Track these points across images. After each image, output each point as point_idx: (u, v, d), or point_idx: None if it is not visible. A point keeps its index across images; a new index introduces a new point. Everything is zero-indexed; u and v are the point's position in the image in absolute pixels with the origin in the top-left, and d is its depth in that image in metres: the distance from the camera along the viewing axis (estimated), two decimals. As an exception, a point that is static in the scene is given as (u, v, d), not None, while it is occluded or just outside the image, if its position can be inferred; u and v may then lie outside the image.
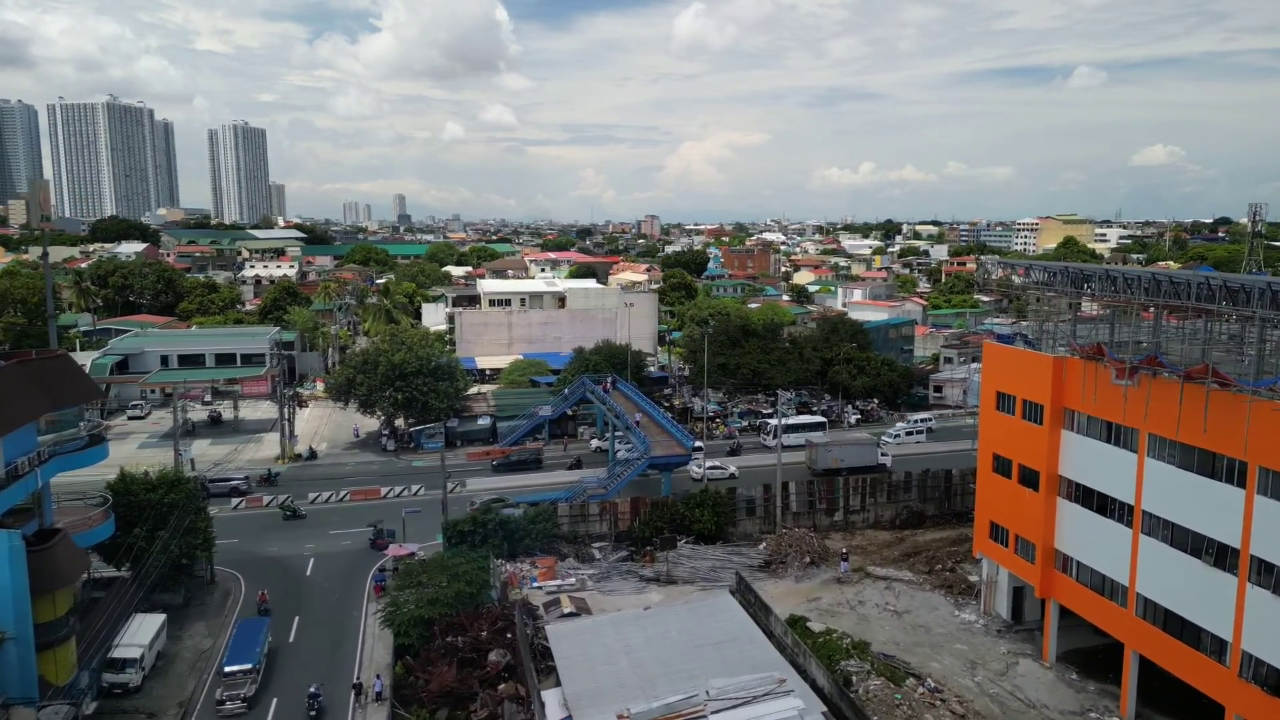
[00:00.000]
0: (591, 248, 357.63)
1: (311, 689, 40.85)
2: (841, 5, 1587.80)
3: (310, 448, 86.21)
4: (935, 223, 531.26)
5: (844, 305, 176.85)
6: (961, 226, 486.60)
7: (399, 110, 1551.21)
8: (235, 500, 70.02)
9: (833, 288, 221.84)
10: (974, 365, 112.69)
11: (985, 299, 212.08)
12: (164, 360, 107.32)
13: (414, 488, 73.93)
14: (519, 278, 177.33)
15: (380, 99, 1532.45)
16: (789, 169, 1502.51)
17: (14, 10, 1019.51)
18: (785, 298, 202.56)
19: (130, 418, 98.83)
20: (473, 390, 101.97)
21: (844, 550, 59.51)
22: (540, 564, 56.64)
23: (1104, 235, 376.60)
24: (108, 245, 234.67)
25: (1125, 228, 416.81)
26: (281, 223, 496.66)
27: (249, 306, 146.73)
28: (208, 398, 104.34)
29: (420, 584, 47.71)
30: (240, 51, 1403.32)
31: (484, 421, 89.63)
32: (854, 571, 57.94)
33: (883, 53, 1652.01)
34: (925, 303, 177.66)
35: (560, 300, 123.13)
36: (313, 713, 40.18)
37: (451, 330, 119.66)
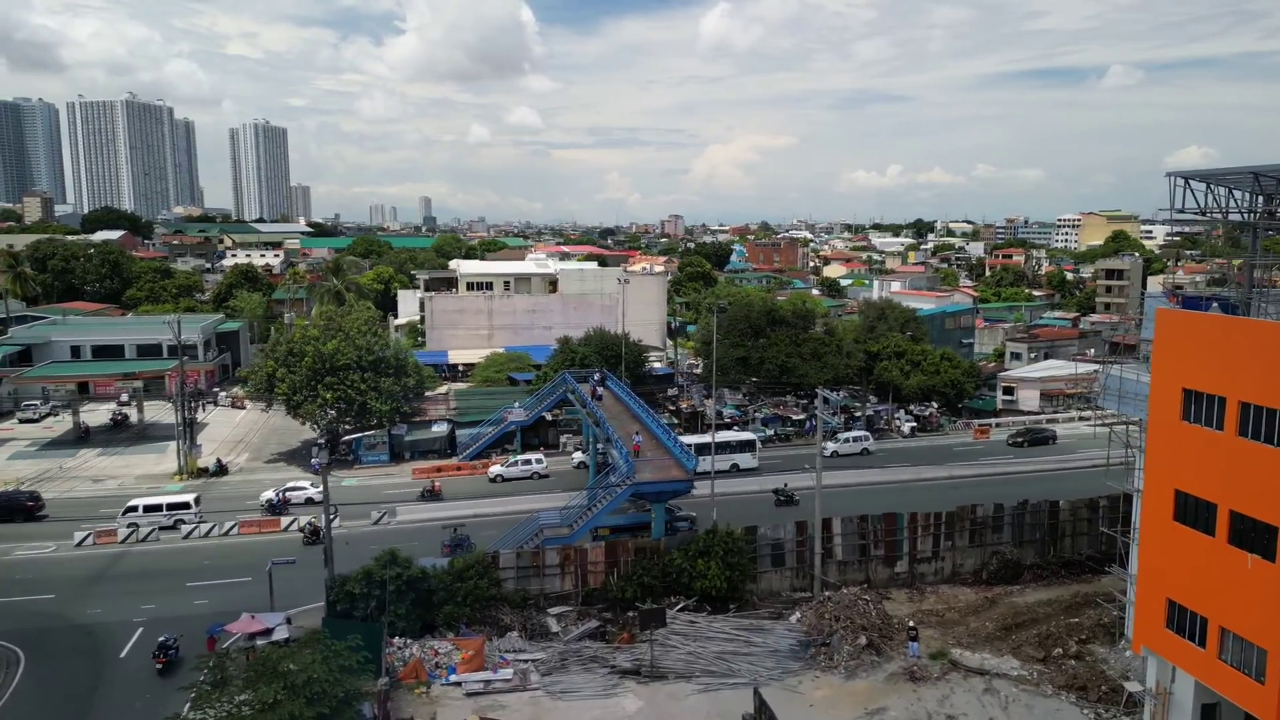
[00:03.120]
0: (612, 246, 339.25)
1: (162, 638, 37.75)
2: (869, 6, 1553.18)
3: (218, 460, 68.24)
4: (969, 221, 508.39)
5: (881, 299, 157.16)
6: (997, 225, 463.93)
7: (425, 113, 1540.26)
8: (80, 535, 52.03)
9: (867, 281, 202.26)
10: (1055, 361, 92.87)
11: (1039, 293, 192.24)
12: (75, 351, 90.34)
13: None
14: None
15: (406, 102, 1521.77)
16: (815, 171, 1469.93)
17: (45, 14, 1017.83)
18: (815, 291, 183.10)
19: (21, 420, 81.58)
20: (441, 390, 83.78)
21: (911, 625, 40.27)
22: (464, 645, 37.97)
23: (1150, 232, 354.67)
24: (91, 236, 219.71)
25: (1164, 226, 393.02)
26: (302, 222, 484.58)
27: (205, 295, 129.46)
28: (125, 397, 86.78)
29: (245, 699, 29.22)
30: (269, 56, 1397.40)
31: (439, 428, 71.27)
32: (932, 659, 38.80)
33: (911, 54, 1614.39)
34: (976, 294, 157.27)
35: (552, 284, 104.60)
36: (159, 666, 36.91)
37: (424, 320, 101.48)
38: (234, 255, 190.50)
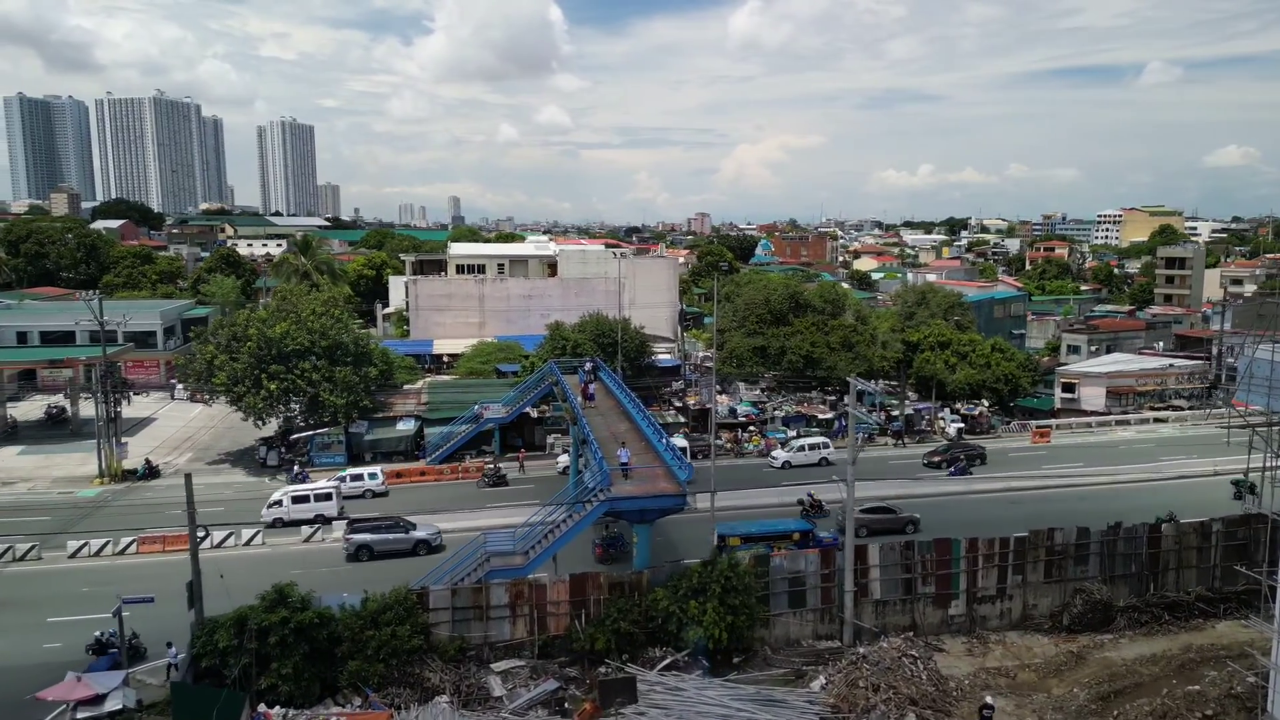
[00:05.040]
0: (636, 242, 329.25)
1: (98, 633, 32.84)
2: (900, 3, 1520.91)
3: (148, 461, 58.95)
4: (1003, 219, 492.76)
5: (921, 283, 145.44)
6: (1034, 223, 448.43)
7: (454, 113, 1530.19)
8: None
9: (900, 274, 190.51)
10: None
11: (1085, 286, 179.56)
12: (22, 337, 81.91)
13: (249, 532, 45.81)
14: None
15: (435, 102, 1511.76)
16: (845, 171, 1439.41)
17: (80, 15, 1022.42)
18: (846, 285, 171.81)
19: (-51, 413, 72.95)
20: (419, 384, 74.12)
21: (988, 703, 29.60)
22: None
23: (1195, 228, 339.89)
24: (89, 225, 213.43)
25: (1208, 222, 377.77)
26: (323, 218, 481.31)
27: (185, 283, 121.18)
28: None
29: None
30: (302, 57, 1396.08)
31: (405, 425, 61.51)
32: (1009, 746, 28.21)
33: (942, 53, 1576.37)
34: (1021, 285, 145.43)
35: (551, 267, 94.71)
36: (91, 654, 32.25)
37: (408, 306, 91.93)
38: (235, 245, 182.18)
